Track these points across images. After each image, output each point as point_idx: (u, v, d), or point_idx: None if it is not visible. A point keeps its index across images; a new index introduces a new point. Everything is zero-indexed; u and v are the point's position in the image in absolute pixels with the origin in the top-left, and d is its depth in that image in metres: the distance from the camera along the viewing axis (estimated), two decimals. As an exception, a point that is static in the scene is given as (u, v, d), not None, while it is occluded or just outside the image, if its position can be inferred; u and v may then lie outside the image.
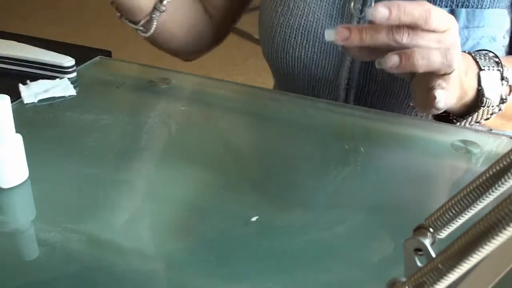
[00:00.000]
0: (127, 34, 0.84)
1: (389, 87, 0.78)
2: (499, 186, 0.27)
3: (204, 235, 0.56)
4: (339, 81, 0.80)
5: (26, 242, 0.55)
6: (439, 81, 0.61)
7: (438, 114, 0.72)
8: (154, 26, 0.84)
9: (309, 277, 0.51)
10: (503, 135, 0.71)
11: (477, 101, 0.67)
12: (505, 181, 0.27)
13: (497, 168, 0.27)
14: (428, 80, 0.62)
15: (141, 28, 0.84)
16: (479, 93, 0.67)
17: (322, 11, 0.78)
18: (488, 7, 0.73)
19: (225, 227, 0.57)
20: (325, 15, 0.78)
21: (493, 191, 0.28)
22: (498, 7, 0.74)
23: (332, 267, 0.52)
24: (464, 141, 0.67)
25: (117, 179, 0.64)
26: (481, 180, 0.28)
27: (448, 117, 0.72)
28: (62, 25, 3.01)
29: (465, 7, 0.73)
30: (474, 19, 0.74)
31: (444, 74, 0.61)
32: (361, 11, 0.76)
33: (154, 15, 0.83)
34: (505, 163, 0.27)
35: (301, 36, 0.80)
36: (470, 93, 0.67)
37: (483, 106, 0.67)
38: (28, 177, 0.61)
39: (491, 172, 0.28)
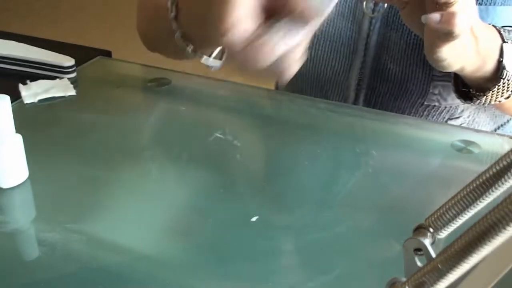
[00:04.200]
0: (127, 34, 0.83)
1: (401, 87, 0.78)
2: (499, 186, 0.27)
3: (204, 235, 0.56)
4: (349, 82, 0.79)
5: (26, 242, 0.55)
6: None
7: (460, 90, 0.71)
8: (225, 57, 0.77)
9: (309, 277, 0.51)
10: (503, 135, 0.71)
11: (497, 74, 0.67)
12: (505, 181, 0.27)
13: (497, 168, 0.27)
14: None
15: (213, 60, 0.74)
16: (500, 66, 0.67)
17: (334, 10, 0.77)
18: (501, 4, 0.73)
19: (225, 227, 0.56)
20: (337, 13, 0.77)
21: (493, 191, 0.28)
22: (511, 5, 0.74)
23: (332, 267, 0.52)
24: (464, 141, 0.67)
25: (117, 179, 0.64)
26: (481, 180, 0.28)
27: (469, 94, 0.71)
28: (62, 25, 3.01)
29: (478, 4, 0.72)
30: (487, 16, 0.73)
31: (446, 4, 0.58)
32: (373, 10, 0.76)
33: None
34: (505, 163, 0.27)
35: (312, 35, 0.79)
36: (490, 63, 0.67)
37: (503, 79, 0.67)
38: (28, 177, 0.61)
39: (491, 172, 0.28)
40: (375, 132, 0.73)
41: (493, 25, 0.68)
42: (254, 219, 0.56)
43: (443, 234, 0.30)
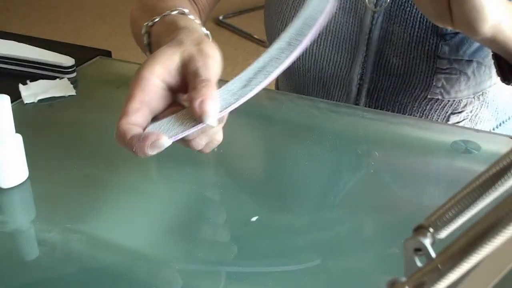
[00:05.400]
0: (127, 34, 0.83)
1: (404, 81, 0.77)
2: (499, 186, 0.27)
3: (204, 235, 0.56)
4: (352, 77, 0.79)
5: (26, 242, 0.55)
6: None
7: (503, 73, 0.70)
8: None
9: (309, 277, 0.51)
10: (503, 135, 0.71)
11: None
12: (505, 181, 0.27)
13: (497, 168, 0.27)
14: None
15: None
16: None
17: (336, 4, 0.77)
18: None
19: (225, 227, 0.56)
20: (338, 8, 0.77)
21: (493, 191, 0.28)
22: None
23: (332, 267, 0.52)
24: (464, 141, 0.67)
25: (117, 179, 0.64)
26: (481, 180, 0.28)
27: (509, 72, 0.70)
28: (62, 25, 3.01)
29: None
30: None
31: None
32: (376, 4, 0.75)
33: None
34: (505, 163, 0.27)
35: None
36: None
37: None
38: (28, 177, 0.61)
39: (491, 172, 0.28)
40: (375, 132, 0.73)
41: None
42: (254, 219, 0.56)
43: (443, 234, 0.30)
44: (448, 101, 0.78)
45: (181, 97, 0.52)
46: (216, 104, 0.47)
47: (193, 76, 0.49)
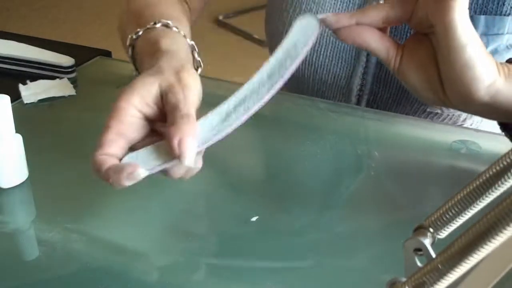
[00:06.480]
0: (127, 34, 0.83)
1: (404, 94, 0.77)
2: (499, 186, 0.27)
3: (204, 235, 0.56)
4: (351, 87, 0.79)
5: (26, 242, 0.56)
6: None
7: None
8: None
9: (309, 277, 0.51)
10: (503, 135, 0.71)
11: None
12: (505, 181, 0.27)
13: (497, 168, 0.27)
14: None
15: None
16: None
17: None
18: (509, 14, 0.71)
19: (225, 227, 0.56)
20: None
21: (493, 191, 0.28)
22: None
23: (331, 267, 0.52)
24: (464, 141, 0.67)
25: (117, 179, 0.64)
26: (481, 180, 0.28)
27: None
28: (62, 25, 3.01)
29: (483, 14, 0.71)
30: (493, 26, 0.71)
31: None
32: None
33: None
34: (505, 163, 0.27)
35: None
36: None
37: None
38: (28, 177, 0.61)
39: (491, 172, 0.28)
40: (375, 132, 0.73)
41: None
42: (254, 219, 0.56)
43: (443, 234, 0.30)
44: (448, 114, 0.78)
45: (159, 126, 0.52)
46: (195, 143, 0.47)
47: (172, 109, 0.48)
